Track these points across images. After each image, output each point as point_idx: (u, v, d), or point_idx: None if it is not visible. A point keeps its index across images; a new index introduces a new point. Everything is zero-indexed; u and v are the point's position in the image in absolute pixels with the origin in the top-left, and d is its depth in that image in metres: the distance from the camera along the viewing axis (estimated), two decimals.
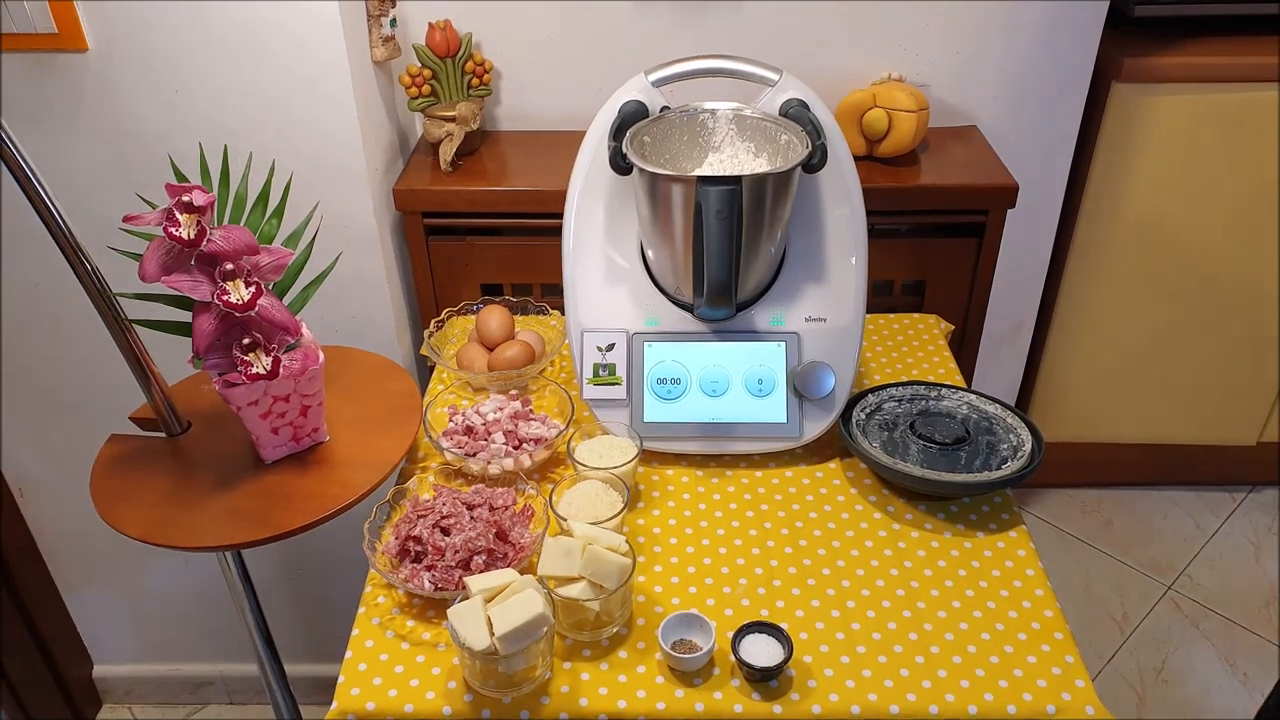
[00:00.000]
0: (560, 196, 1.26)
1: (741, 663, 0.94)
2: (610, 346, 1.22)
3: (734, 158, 1.23)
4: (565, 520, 1.05)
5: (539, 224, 1.52)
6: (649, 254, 1.23)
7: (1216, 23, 1.83)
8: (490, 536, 1.05)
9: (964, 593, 1.05)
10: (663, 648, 0.96)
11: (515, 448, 1.19)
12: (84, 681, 1.98)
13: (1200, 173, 1.84)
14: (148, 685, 2.01)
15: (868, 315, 1.24)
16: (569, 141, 1.34)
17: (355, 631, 1.02)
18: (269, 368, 1.03)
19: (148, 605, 1.88)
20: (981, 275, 1.58)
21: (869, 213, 1.23)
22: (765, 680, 0.95)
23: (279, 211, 1.13)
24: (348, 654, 1.00)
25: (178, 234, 0.97)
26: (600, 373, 1.22)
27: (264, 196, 1.12)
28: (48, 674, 1.88)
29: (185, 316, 1.05)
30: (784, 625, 0.98)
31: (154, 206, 1.00)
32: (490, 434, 1.20)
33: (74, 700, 1.95)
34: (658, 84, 1.21)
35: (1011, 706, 0.93)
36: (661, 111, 1.21)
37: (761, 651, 0.96)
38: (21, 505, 1.74)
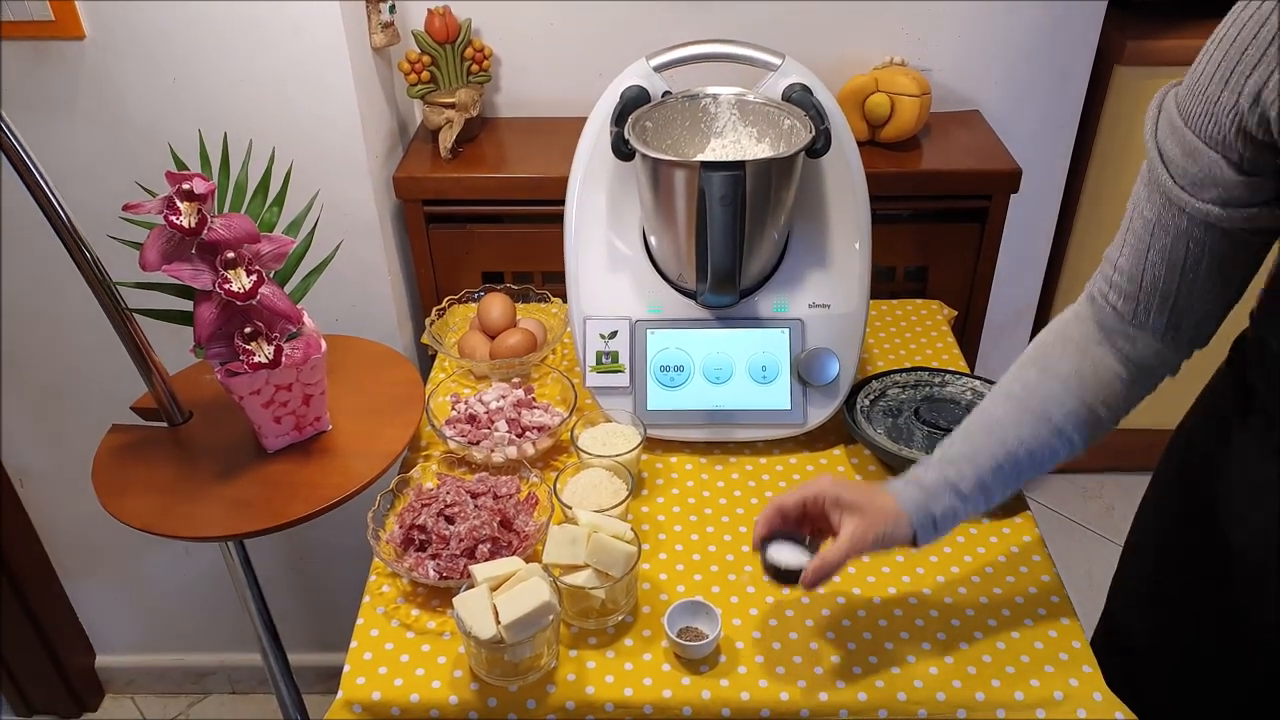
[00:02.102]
0: (561, 183, 1.25)
1: (768, 565, 0.91)
2: (613, 334, 1.22)
3: (736, 143, 1.22)
4: (570, 508, 1.05)
5: (540, 211, 1.51)
6: (651, 240, 1.22)
7: (1219, 5, 1.81)
8: (495, 525, 1.05)
9: (970, 579, 1.05)
10: (669, 635, 0.96)
11: (518, 436, 1.19)
12: (86, 672, 1.98)
13: None
14: (150, 675, 2.01)
15: (870, 301, 1.23)
16: (570, 128, 1.33)
17: (360, 621, 1.02)
18: (271, 357, 1.03)
19: (149, 595, 1.88)
20: (984, 260, 1.57)
21: (871, 198, 1.22)
22: (788, 582, 0.91)
23: (280, 199, 1.13)
24: (353, 643, 1.00)
25: (178, 222, 0.96)
26: (603, 360, 1.21)
27: (264, 184, 1.12)
28: (49, 664, 1.88)
29: (186, 305, 1.05)
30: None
31: (154, 195, 0.99)
32: (493, 422, 1.20)
33: (76, 690, 1.95)
34: (659, 69, 1.20)
35: (1019, 693, 0.93)
36: (663, 97, 1.20)
37: (790, 556, 0.91)
38: (22, 495, 1.74)
